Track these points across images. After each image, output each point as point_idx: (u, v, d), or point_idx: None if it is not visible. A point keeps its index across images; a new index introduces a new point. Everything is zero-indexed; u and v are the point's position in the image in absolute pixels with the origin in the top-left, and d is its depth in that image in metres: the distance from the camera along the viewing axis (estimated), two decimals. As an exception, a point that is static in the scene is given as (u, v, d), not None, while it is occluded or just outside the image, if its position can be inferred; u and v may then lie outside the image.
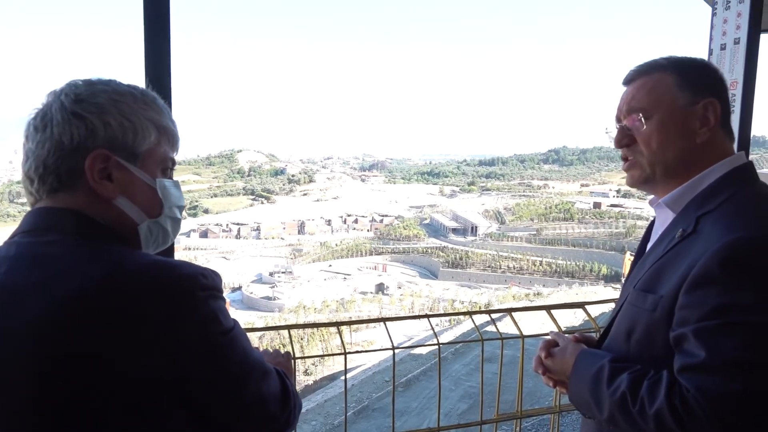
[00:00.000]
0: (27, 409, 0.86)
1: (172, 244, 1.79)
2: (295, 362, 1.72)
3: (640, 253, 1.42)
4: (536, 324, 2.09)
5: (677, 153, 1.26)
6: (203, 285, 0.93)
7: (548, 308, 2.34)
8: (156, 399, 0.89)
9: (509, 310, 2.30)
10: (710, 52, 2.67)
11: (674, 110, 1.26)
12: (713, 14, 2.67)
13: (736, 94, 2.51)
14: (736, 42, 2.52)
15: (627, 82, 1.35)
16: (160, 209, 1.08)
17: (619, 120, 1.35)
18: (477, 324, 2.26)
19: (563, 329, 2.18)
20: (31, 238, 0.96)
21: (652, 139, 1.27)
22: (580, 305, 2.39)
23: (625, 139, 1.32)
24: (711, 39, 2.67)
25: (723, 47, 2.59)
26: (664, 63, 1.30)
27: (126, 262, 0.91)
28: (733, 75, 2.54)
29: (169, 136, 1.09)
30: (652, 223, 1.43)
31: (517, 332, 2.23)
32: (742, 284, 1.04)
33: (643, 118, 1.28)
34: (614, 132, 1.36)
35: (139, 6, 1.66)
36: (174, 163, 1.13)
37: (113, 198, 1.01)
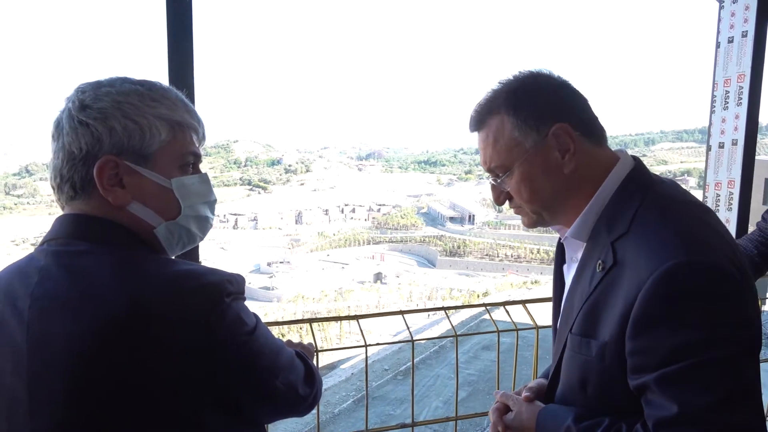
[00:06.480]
0: (63, 422, 0.88)
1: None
2: (317, 354, 1.77)
3: (558, 280, 1.39)
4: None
5: (551, 192, 1.21)
6: (229, 291, 0.95)
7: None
8: (190, 402, 0.91)
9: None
10: (717, 45, 2.70)
11: (527, 156, 1.19)
12: (720, 7, 2.69)
13: (743, 86, 2.53)
14: (744, 35, 2.54)
15: (473, 129, 1.28)
16: (178, 210, 1.05)
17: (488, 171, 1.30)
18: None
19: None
20: (59, 246, 0.97)
21: (522, 191, 1.22)
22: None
23: (501, 196, 1.28)
24: (718, 32, 2.69)
25: (730, 40, 2.61)
26: (496, 103, 1.21)
27: (152, 275, 0.92)
28: (740, 67, 2.56)
29: (186, 130, 1.05)
30: (560, 245, 1.38)
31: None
32: (687, 320, 0.99)
33: (503, 175, 1.23)
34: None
35: (162, 5, 1.68)
36: (197, 156, 1.09)
37: (125, 204, 1.00)
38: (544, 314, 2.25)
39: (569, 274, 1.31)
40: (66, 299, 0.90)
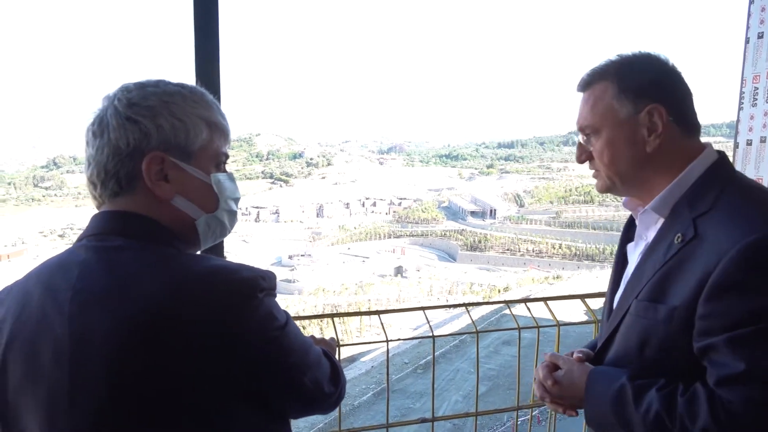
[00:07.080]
0: (98, 416, 0.90)
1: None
2: (339, 349, 1.79)
3: (620, 257, 1.42)
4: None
5: (630, 164, 1.27)
6: (262, 287, 0.96)
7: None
8: (222, 397, 0.93)
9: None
10: (747, 41, 2.65)
11: (618, 124, 1.26)
12: (750, 2, 2.64)
13: (772, 83, 2.49)
14: (774, 30, 2.49)
15: (579, 89, 1.36)
16: (216, 204, 1.11)
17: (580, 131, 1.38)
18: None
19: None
20: (98, 242, 1.00)
21: (604, 154, 1.29)
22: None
23: (583, 155, 1.35)
24: (748, 27, 2.64)
25: (761, 35, 2.56)
26: (607, 70, 1.29)
27: (188, 270, 0.94)
28: (770, 64, 2.51)
29: (220, 131, 1.11)
30: (629, 224, 1.42)
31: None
32: (765, 288, 1.02)
33: (592, 135, 1.31)
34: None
35: (189, 6, 1.71)
36: (227, 156, 1.14)
37: (170, 198, 1.03)
38: (565, 311, 2.26)
39: (635, 251, 1.36)
40: (105, 294, 0.92)
